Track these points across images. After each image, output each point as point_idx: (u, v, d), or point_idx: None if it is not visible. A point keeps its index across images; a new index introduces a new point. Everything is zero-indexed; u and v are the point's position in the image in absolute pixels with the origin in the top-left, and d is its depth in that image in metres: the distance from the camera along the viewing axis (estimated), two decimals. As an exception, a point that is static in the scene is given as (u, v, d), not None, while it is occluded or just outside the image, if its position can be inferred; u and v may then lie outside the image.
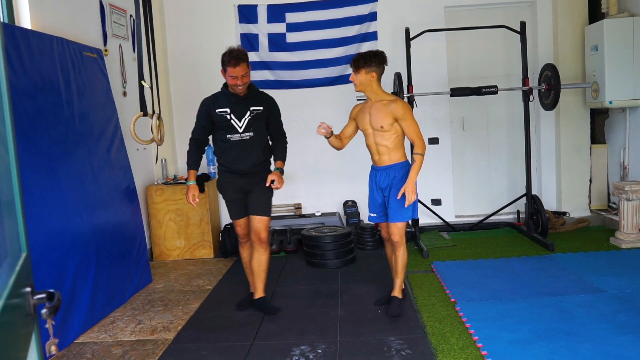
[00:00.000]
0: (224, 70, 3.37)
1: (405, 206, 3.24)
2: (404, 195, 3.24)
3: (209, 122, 3.45)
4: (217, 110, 3.41)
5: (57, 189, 3.29)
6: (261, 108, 3.46)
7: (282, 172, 3.53)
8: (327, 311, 3.50)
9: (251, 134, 3.42)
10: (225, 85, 3.49)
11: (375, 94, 3.31)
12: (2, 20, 3.30)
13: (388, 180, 3.35)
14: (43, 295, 1.01)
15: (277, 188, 3.50)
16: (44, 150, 3.22)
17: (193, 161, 3.50)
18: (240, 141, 3.41)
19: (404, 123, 3.24)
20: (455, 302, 3.47)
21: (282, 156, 3.58)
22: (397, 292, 3.43)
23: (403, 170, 3.33)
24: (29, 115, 3.12)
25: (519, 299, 3.43)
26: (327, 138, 3.42)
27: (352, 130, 3.50)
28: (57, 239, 3.22)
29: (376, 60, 3.25)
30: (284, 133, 3.59)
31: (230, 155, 3.43)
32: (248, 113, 3.41)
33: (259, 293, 3.58)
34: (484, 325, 3.06)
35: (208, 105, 3.45)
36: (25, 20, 3.42)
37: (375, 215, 3.51)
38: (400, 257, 3.38)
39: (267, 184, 3.45)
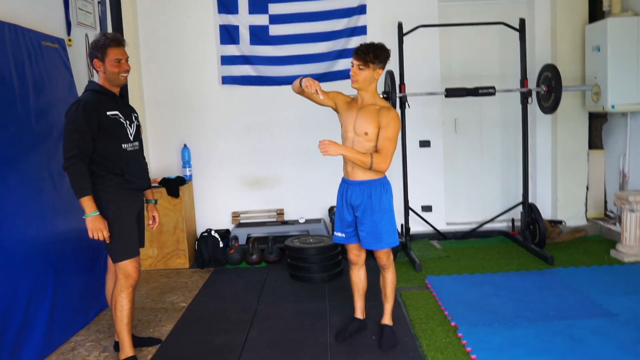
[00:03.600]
0: (101, 57, 2.69)
1: (321, 150, 2.74)
2: (383, 218, 2.86)
3: (96, 130, 2.66)
4: (108, 114, 2.71)
5: (7, 199, 2.86)
6: (137, 115, 2.97)
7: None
8: (315, 336, 3.15)
9: (138, 143, 2.89)
10: (96, 84, 2.78)
11: (372, 96, 2.85)
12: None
13: (361, 198, 2.87)
14: None
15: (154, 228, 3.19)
16: (-9, 154, 2.79)
17: (89, 183, 2.62)
18: (134, 152, 2.83)
19: (384, 132, 2.74)
20: (457, 327, 3.15)
21: (150, 183, 3.08)
22: (387, 319, 3.08)
23: (380, 187, 2.87)
24: (-27, 115, 2.69)
25: (525, 323, 3.13)
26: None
27: (326, 101, 2.95)
28: (8, 255, 2.81)
29: (385, 56, 2.79)
30: None
31: (133, 168, 2.80)
32: (134, 118, 2.89)
33: (126, 351, 2.85)
34: (491, 356, 2.75)
35: (95, 108, 2.66)
36: (-28, 4, 2.98)
37: (343, 235, 3.01)
38: (389, 279, 3.02)
39: (152, 225, 3.13)
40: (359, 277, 3.11)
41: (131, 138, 2.82)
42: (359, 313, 3.16)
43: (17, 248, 2.89)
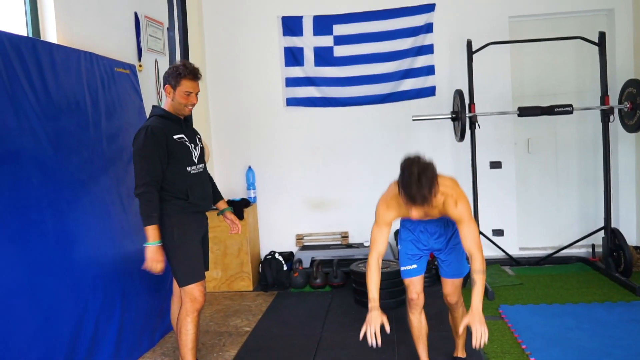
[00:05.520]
0: (174, 85, 2.72)
1: (475, 346, 2.33)
2: (459, 245, 2.64)
3: (166, 155, 2.67)
4: (175, 137, 2.72)
5: (80, 221, 2.92)
6: (200, 137, 3.00)
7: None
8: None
9: (203, 165, 2.91)
10: (160, 109, 2.80)
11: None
12: (27, 34, 2.99)
13: (440, 227, 2.70)
14: None
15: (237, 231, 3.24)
16: (65, 178, 2.85)
17: (157, 212, 2.63)
18: (198, 174, 2.83)
19: (464, 226, 2.42)
20: (537, 363, 2.92)
21: (220, 195, 3.22)
22: (460, 352, 2.93)
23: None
24: (49, 139, 2.77)
25: (615, 362, 2.86)
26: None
27: (387, 238, 2.56)
28: (77, 279, 2.84)
29: (436, 176, 2.29)
30: None
31: (196, 191, 2.79)
32: (198, 140, 2.91)
33: None
34: (578, 399, 2.52)
35: (162, 133, 2.67)
36: (51, 33, 3.10)
37: (414, 267, 2.71)
38: (460, 318, 2.81)
39: (235, 231, 3.19)
40: (420, 321, 2.81)
41: (196, 160, 2.83)
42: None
43: (87, 269, 2.94)
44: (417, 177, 2.21)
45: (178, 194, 2.73)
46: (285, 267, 4.65)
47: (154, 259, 2.65)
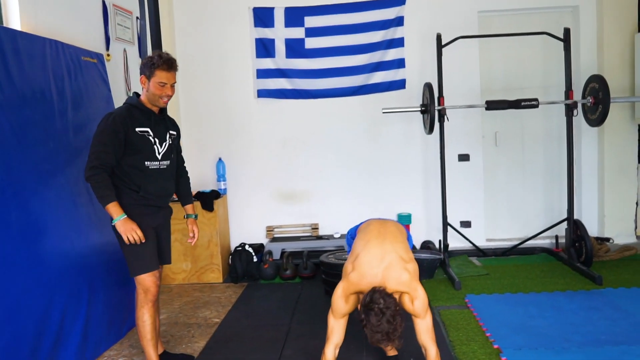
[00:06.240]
0: (148, 76, 2.70)
1: None
2: None
3: (122, 145, 2.66)
4: (137, 130, 2.70)
5: (46, 213, 2.88)
6: (175, 133, 2.96)
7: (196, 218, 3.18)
8: (350, 357, 3.04)
9: (168, 162, 2.85)
10: (135, 99, 2.80)
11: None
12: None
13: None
14: None
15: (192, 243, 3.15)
16: (30, 169, 2.80)
17: (112, 191, 2.62)
18: (158, 170, 2.80)
19: (419, 321, 2.44)
20: (500, 350, 2.99)
21: (191, 198, 3.18)
22: (392, 351, 2.96)
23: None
24: (13, 130, 2.71)
25: (574, 348, 2.95)
26: None
27: (344, 329, 2.56)
28: (42, 271, 2.80)
29: (398, 311, 2.31)
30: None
31: (151, 186, 2.76)
32: (168, 136, 2.87)
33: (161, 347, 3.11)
34: (538, 384, 2.60)
35: (124, 122, 2.66)
36: (14, 20, 3.02)
37: None
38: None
39: (191, 240, 3.09)
40: None
41: (158, 157, 2.80)
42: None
43: (53, 261, 2.90)
44: (378, 323, 2.23)
45: (131, 185, 2.73)
46: (255, 259, 4.66)
47: (127, 229, 2.64)
